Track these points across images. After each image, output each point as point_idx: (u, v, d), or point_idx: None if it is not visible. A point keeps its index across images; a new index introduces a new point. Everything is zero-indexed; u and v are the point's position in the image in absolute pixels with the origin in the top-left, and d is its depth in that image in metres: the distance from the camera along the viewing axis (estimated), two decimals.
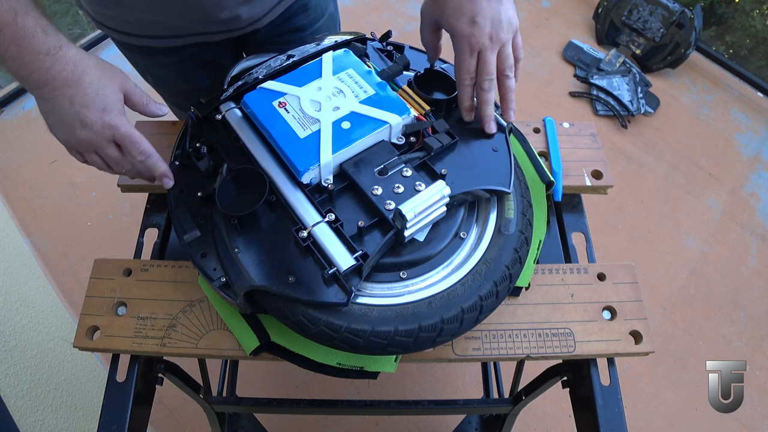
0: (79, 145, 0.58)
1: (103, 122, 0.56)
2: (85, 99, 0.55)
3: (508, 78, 0.63)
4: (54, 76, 0.53)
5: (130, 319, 0.63)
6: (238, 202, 0.57)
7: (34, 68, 0.52)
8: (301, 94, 0.62)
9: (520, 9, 2.34)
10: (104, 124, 0.56)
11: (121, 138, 0.58)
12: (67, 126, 0.56)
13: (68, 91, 0.54)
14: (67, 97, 0.54)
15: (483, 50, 0.60)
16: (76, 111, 0.55)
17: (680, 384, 1.43)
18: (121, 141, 0.58)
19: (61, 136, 0.58)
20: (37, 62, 0.52)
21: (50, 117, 0.56)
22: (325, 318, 0.52)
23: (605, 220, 1.73)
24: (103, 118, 0.56)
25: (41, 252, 1.61)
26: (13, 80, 2.00)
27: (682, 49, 2.04)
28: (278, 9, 0.78)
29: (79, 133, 0.56)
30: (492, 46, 0.60)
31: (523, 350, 0.62)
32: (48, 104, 0.55)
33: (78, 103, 0.55)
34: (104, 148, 0.58)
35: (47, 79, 0.53)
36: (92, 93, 0.55)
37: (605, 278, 0.67)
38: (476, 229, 0.61)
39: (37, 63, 0.52)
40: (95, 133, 0.56)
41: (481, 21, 0.59)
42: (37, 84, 0.53)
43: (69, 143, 0.58)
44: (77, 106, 0.55)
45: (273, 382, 1.41)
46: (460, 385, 1.42)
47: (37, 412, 0.99)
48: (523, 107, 2.00)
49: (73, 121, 0.55)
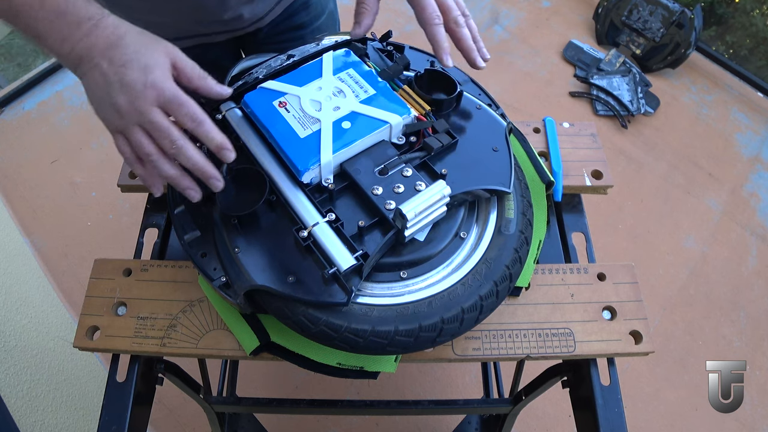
0: (121, 118, 0.51)
1: (144, 81, 0.49)
2: (123, 58, 0.49)
3: (470, 17, 0.64)
4: (94, 42, 0.49)
5: (130, 319, 0.63)
6: (238, 202, 0.57)
7: (77, 39, 0.49)
8: (302, 94, 0.62)
9: (520, 9, 2.34)
10: (145, 83, 0.49)
11: (167, 100, 0.50)
12: (107, 97, 0.50)
13: (108, 54, 0.49)
14: (106, 60, 0.49)
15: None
16: (115, 71, 0.49)
17: (680, 384, 1.43)
18: (167, 104, 0.50)
19: (103, 114, 0.52)
20: (80, 31, 0.49)
21: (93, 95, 0.51)
22: (326, 318, 0.52)
23: (605, 220, 1.73)
24: (145, 77, 0.49)
25: (41, 252, 1.61)
26: (13, 80, 2.00)
27: (682, 49, 2.04)
28: (279, 7, 0.78)
29: (117, 99, 0.49)
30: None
31: (523, 350, 0.62)
32: (89, 78, 0.50)
33: (117, 62, 0.49)
34: (148, 113, 0.50)
35: (89, 47, 0.49)
36: (132, 52, 0.50)
37: (605, 278, 0.67)
38: (476, 229, 0.61)
39: (79, 32, 0.49)
40: (136, 95, 0.49)
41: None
42: (80, 57, 0.50)
43: (111, 120, 0.52)
44: (116, 66, 0.49)
45: (273, 382, 1.41)
46: (460, 385, 1.42)
47: (37, 412, 0.99)
48: (523, 107, 2.01)
49: (112, 85, 0.49)
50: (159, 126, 0.51)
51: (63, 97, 1.97)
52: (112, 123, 0.52)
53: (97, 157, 1.82)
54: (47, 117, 1.92)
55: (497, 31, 2.26)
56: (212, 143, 0.53)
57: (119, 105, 0.50)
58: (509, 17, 2.31)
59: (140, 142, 0.51)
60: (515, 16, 2.31)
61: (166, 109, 0.51)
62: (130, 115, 0.50)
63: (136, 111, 0.50)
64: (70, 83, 2.01)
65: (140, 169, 0.54)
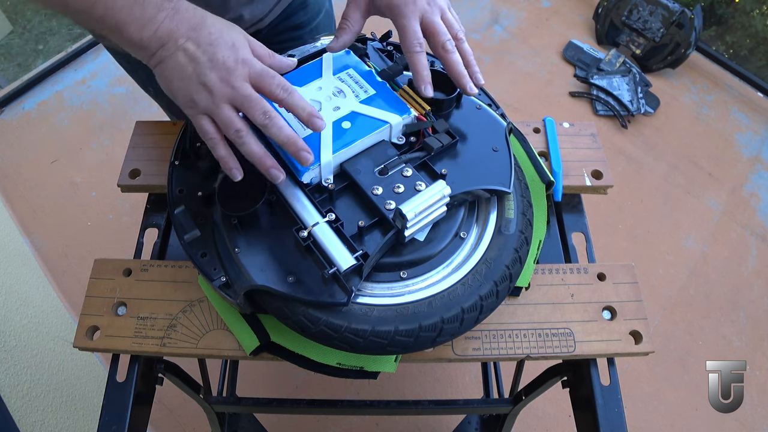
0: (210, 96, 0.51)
1: (236, 57, 0.50)
2: (211, 38, 0.50)
3: (463, 41, 0.61)
4: (178, 24, 0.50)
5: (130, 319, 0.63)
6: (238, 202, 0.57)
7: (159, 21, 0.49)
8: (302, 94, 0.62)
9: (520, 9, 2.34)
10: (237, 59, 0.50)
11: (257, 74, 0.52)
12: (196, 75, 0.50)
13: (193, 35, 0.50)
14: (192, 41, 0.50)
15: (425, 14, 0.59)
16: (204, 51, 0.50)
17: (680, 384, 1.43)
18: (258, 76, 0.52)
19: (188, 95, 0.51)
20: (162, 13, 0.49)
21: (176, 77, 0.51)
22: (326, 318, 0.52)
23: (605, 220, 1.73)
24: (236, 54, 0.51)
25: (41, 252, 1.61)
26: (13, 80, 2.00)
27: (682, 49, 2.04)
28: (278, 8, 0.79)
29: (208, 77, 0.50)
30: (432, 11, 0.59)
31: (523, 350, 0.62)
32: (172, 60, 0.50)
33: (205, 42, 0.50)
34: (240, 88, 0.51)
35: (172, 29, 0.49)
36: (217, 32, 0.51)
37: (605, 278, 0.67)
38: (476, 229, 0.61)
39: (162, 14, 0.49)
40: (229, 71, 0.50)
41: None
42: (162, 40, 0.50)
43: (199, 100, 0.51)
44: (204, 45, 0.50)
45: (273, 382, 1.41)
46: (460, 385, 1.42)
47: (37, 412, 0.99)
48: (523, 107, 2.01)
49: (201, 64, 0.50)
50: (252, 98, 0.51)
51: (63, 97, 1.97)
52: (201, 103, 0.52)
53: (97, 157, 1.82)
54: (47, 117, 1.92)
55: (497, 31, 2.26)
56: (304, 112, 0.53)
57: (211, 83, 0.50)
58: (509, 17, 2.31)
59: (231, 118, 0.52)
60: (515, 16, 2.31)
61: (256, 83, 0.52)
62: (222, 92, 0.51)
63: (230, 86, 0.50)
64: (70, 83, 2.01)
65: (223, 150, 0.54)
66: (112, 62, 0.81)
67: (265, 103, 0.52)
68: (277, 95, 0.52)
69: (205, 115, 0.53)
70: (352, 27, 0.63)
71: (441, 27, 0.59)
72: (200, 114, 0.53)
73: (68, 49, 2.08)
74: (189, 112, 0.53)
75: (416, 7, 0.58)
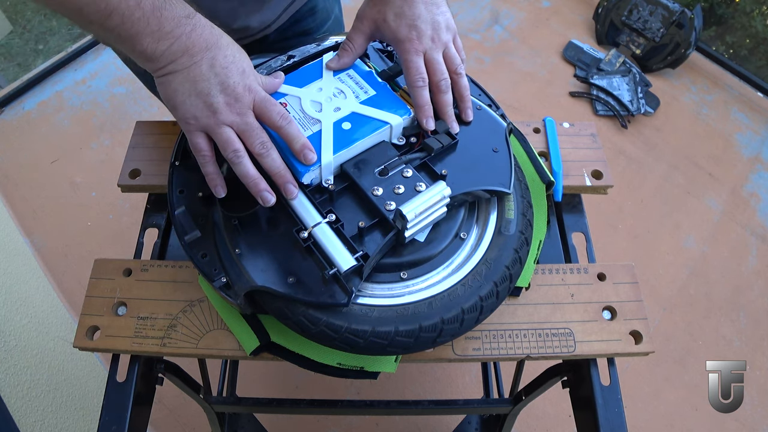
0: (213, 116, 0.52)
1: (244, 84, 0.52)
2: (225, 61, 0.51)
3: (461, 76, 0.63)
4: (194, 41, 0.50)
5: (130, 319, 0.63)
6: (238, 203, 0.57)
7: (176, 36, 0.49)
8: (302, 95, 0.62)
9: (520, 9, 2.34)
10: (245, 86, 0.52)
11: (261, 101, 0.53)
12: (203, 95, 0.51)
13: (208, 54, 0.51)
14: (207, 60, 0.51)
15: (428, 51, 0.60)
16: (216, 73, 0.51)
17: (680, 384, 1.43)
18: (261, 105, 0.54)
19: (192, 110, 0.52)
20: (180, 29, 0.49)
21: (182, 91, 0.52)
22: (326, 318, 0.52)
23: (605, 220, 1.73)
24: (245, 81, 0.52)
25: (41, 252, 1.61)
26: (13, 80, 2.00)
27: (682, 49, 2.04)
28: (286, 14, 0.78)
29: (216, 99, 0.51)
30: (436, 48, 0.61)
31: (523, 350, 0.62)
32: (182, 75, 0.51)
33: (219, 65, 0.51)
34: (244, 115, 0.53)
35: (188, 45, 0.50)
36: (230, 55, 0.52)
37: (605, 278, 0.67)
38: (476, 230, 0.61)
39: (179, 30, 0.49)
40: (237, 97, 0.52)
41: (422, 25, 0.60)
42: (175, 54, 0.50)
43: (200, 117, 0.52)
44: (218, 68, 0.51)
45: (273, 382, 1.41)
46: (460, 385, 1.42)
47: (37, 412, 0.99)
48: (523, 107, 2.01)
49: (212, 86, 0.51)
50: (254, 127, 0.53)
51: (63, 97, 1.97)
52: (201, 120, 0.53)
53: (97, 157, 1.82)
54: (47, 117, 1.92)
55: (497, 31, 2.26)
56: (298, 142, 0.54)
57: (217, 104, 0.51)
58: (509, 17, 2.31)
59: (230, 139, 0.53)
60: (515, 16, 2.31)
61: (258, 111, 0.54)
62: (226, 116, 0.52)
63: (235, 113, 0.52)
64: (70, 83, 2.01)
65: (212, 167, 0.56)
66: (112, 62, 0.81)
67: (264, 135, 0.54)
68: (276, 123, 0.54)
69: (201, 132, 0.54)
70: (353, 50, 0.65)
71: (440, 66, 0.61)
72: (197, 130, 0.54)
73: (68, 49, 2.08)
74: (185, 127, 0.54)
75: (420, 44, 0.60)
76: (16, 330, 1.08)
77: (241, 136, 0.53)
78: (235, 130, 0.53)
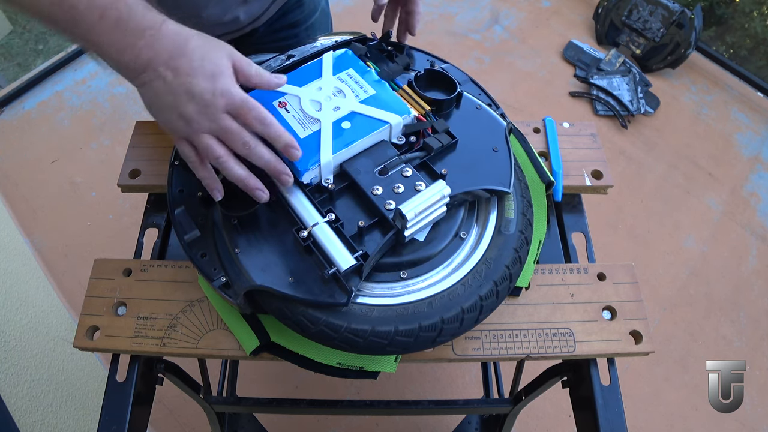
0: (188, 126, 0.51)
1: (213, 89, 0.49)
2: (190, 67, 0.49)
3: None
4: (157, 52, 0.48)
5: (130, 319, 0.63)
6: (238, 202, 0.57)
7: (138, 48, 0.48)
8: (302, 94, 0.62)
9: (520, 9, 2.34)
10: (214, 91, 0.49)
11: (236, 105, 0.51)
12: (173, 106, 0.50)
13: (172, 64, 0.49)
14: (170, 71, 0.49)
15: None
16: (181, 83, 0.49)
17: (680, 384, 1.43)
18: (236, 109, 0.51)
19: (167, 122, 0.52)
20: (142, 41, 0.48)
21: (155, 104, 0.51)
22: (325, 318, 0.52)
23: (605, 220, 1.73)
24: (214, 85, 0.49)
25: (41, 252, 1.60)
26: (13, 80, 2.00)
27: (682, 49, 2.04)
28: (275, 6, 0.79)
29: (185, 109, 0.50)
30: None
31: (523, 350, 0.62)
32: (152, 87, 0.50)
33: (183, 73, 0.49)
34: (218, 120, 0.51)
35: (150, 58, 0.48)
36: (197, 59, 0.49)
37: (605, 278, 0.67)
38: (476, 229, 0.61)
39: (141, 42, 0.48)
40: (206, 104, 0.50)
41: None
42: (143, 67, 0.49)
43: (177, 128, 0.52)
44: (182, 77, 0.49)
45: (273, 382, 1.41)
46: (460, 385, 1.42)
47: (37, 412, 0.99)
48: (523, 107, 2.01)
49: (179, 96, 0.49)
50: (231, 130, 0.51)
51: (63, 97, 1.97)
52: (179, 131, 0.52)
53: (97, 157, 1.82)
54: (47, 117, 1.92)
55: (497, 31, 2.26)
56: (280, 142, 0.53)
57: (188, 114, 0.50)
58: (509, 17, 2.31)
59: (209, 146, 0.52)
60: (515, 16, 2.31)
61: (234, 114, 0.52)
62: (200, 123, 0.51)
63: (207, 119, 0.50)
64: (70, 83, 2.01)
65: (203, 172, 0.55)
66: None
67: (245, 134, 0.52)
68: (254, 127, 0.52)
69: (184, 140, 0.53)
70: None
71: None
72: (180, 139, 0.53)
73: (68, 49, 2.08)
74: (170, 135, 0.54)
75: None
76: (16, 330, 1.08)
77: (222, 140, 0.52)
78: (215, 136, 0.52)
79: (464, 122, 0.66)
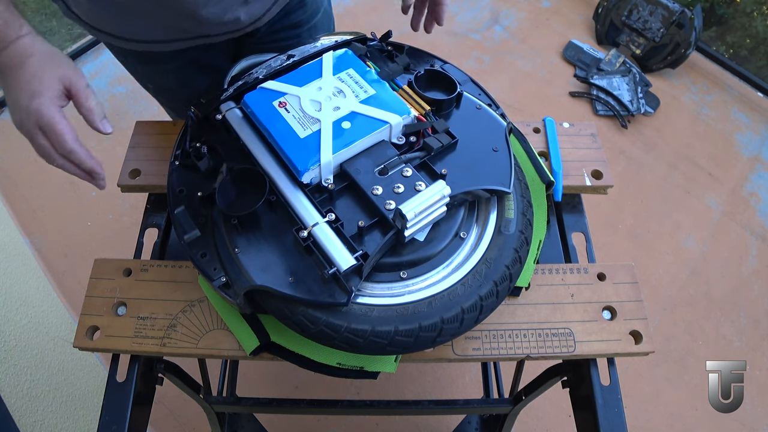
0: (20, 129, 0.58)
1: (29, 106, 0.55)
2: (20, 83, 0.56)
3: None
4: (4, 62, 0.56)
5: (130, 319, 0.63)
6: (238, 202, 0.57)
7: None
8: (302, 94, 0.62)
9: (520, 9, 2.34)
10: (29, 109, 0.55)
11: (44, 127, 0.56)
12: (10, 110, 0.58)
13: (12, 75, 0.56)
14: (13, 80, 0.56)
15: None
16: (13, 93, 0.56)
17: (680, 384, 1.43)
18: (45, 130, 0.56)
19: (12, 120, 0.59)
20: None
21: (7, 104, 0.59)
22: (325, 318, 0.52)
23: (605, 220, 1.73)
24: (29, 102, 0.55)
25: (41, 252, 1.60)
26: None
27: (682, 49, 2.04)
28: (276, 7, 0.79)
29: (14, 116, 0.57)
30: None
31: (523, 350, 0.62)
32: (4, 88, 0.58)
33: (15, 86, 0.56)
34: (33, 135, 0.57)
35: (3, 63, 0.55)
36: (28, 77, 0.56)
37: (605, 278, 0.67)
38: (476, 229, 0.61)
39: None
40: (22, 117, 0.56)
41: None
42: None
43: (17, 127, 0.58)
44: (14, 90, 0.56)
45: (273, 382, 1.41)
46: (460, 385, 1.42)
47: (37, 412, 0.99)
48: (523, 107, 2.01)
49: (11, 104, 0.57)
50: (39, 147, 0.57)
51: None
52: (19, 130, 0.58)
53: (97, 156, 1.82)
54: None
55: (497, 31, 2.26)
56: (84, 166, 0.59)
57: (16, 120, 0.57)
58: (509, 17, 2.31)
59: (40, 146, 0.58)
60: (515, 16, 2.31)
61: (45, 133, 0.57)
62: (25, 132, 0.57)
63: (25, 129, 0.57)
64: None
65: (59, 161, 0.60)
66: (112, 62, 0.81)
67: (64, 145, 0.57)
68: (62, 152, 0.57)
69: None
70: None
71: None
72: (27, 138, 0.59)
73: (68, 49, 2.08)
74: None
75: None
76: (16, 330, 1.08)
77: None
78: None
79: (464, 122, 0.66)
